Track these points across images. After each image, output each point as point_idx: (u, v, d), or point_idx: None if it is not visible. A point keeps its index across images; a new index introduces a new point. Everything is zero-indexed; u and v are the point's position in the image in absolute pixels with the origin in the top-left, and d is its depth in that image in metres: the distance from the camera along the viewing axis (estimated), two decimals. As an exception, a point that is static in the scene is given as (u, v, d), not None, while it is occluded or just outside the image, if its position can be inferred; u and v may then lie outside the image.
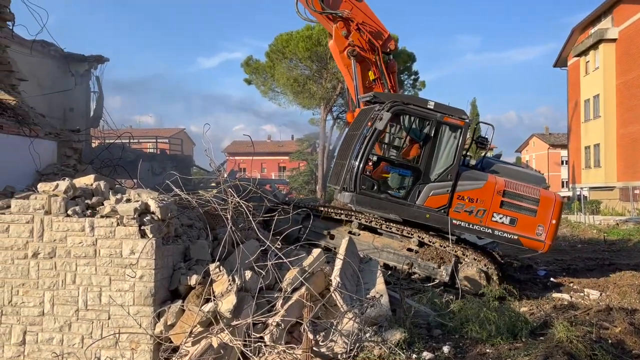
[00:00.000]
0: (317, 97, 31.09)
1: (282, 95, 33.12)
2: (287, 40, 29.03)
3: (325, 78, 29.95)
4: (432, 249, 9.77)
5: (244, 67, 32.50)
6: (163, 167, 17.00)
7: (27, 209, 6.48)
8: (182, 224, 7.38)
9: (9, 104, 11.23)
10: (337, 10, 10.54)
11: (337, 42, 10.75)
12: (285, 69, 30.08)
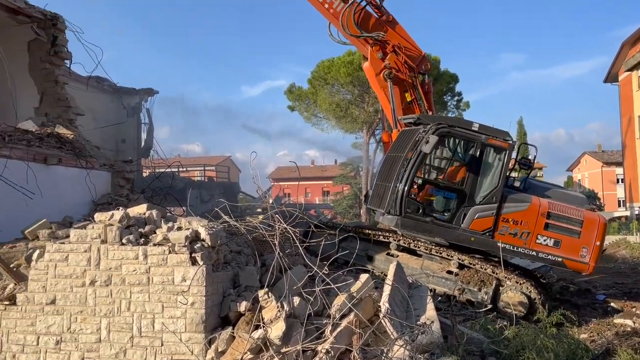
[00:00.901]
0: (359, 121, 31.26)
1: (324, 121, 33.48)
2: (329, 67, 29.44)
3: (367, 102, 30.10)
4: (473, 272, 9.57)
5: (287, 95, 33.12)
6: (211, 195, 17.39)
7: (84, 238, 6.75)
8: (231, 250, 7.50)
9: (67, 137, 11.85)
10: (372, 33, 10.62)
11: (372, 65, 10.81)
12: (327, 95, 30.44)
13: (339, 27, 10.57)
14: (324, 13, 10.47)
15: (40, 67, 12.76)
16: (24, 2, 11.97)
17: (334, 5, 10.35)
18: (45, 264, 6.71)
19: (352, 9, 10.38)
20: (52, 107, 12.64)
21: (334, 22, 10.59)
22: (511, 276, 9.44)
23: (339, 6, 10.39)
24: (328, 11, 10.40)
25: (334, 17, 10.46)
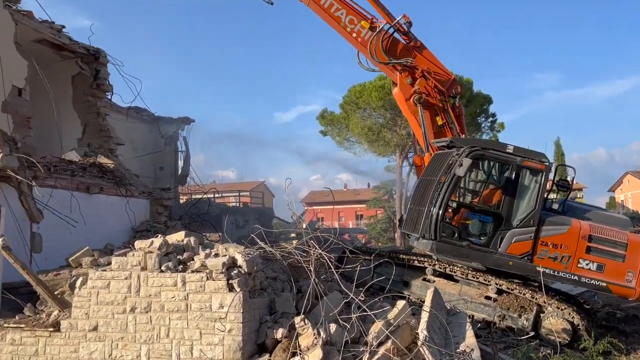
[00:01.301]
0: (392, 144, 31.21)
1: (357, 145, 33.54)
2: (360, 91, 29.64)
3: (399, 125, 30.07)
4: (512, 297, 9.33)
5: (319, 120, 33.42)
6: (246, 220, 17.60)
7: (125, 266, 6.92)
8: (267, 276, 7.55)
9: (108, 167, 12.26)
10: (400, 59, 10.69)
11: (402, 90, 10.85)
12: (359, 119, 30.58)
13: (367, 55, 10.70)
14: (352, 42, 10.64)
15: (83, 99, 13.31)
16: (68, 38, 12.57)
17: (361, 34, 10.50)
18: (88, 291, 6.90)
19: (379, 37, 10.51)
20: (94, 138, 13.12)
21: (362, 51, 10.74)
22: (552, 302, 9.16)
23: (367, 35, 10.54)
24: (356, 40, 10.57)
25: (362, 45, 10.61)
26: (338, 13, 10.23)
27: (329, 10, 10.18)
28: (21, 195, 8.71)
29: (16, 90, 9.38)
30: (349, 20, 10.37)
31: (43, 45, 12.06)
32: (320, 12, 10.17)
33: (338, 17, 10.28)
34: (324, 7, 10.13)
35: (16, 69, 9.40)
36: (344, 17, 10.34)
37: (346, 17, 10.36)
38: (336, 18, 10.27)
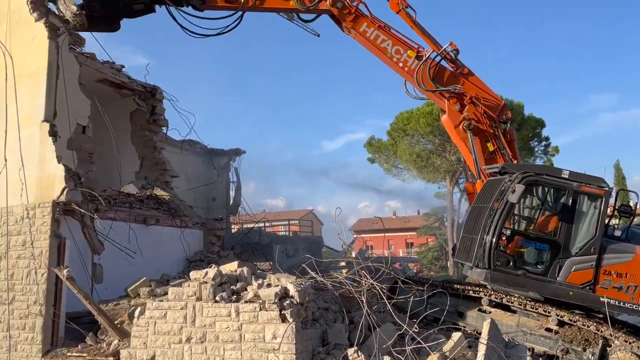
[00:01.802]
0: (441, 170, 30.81)
1: (405, 171, 33.32)
2: (408, 118, 29.57)
3: (448, 151, 29.71)
4: (575, 329, 8.84)
5: (366, 147, 33.49)
6: (296, 249, 17.71)
7: (181, 296, 7.10)
8: (319, 307, 7.54)
9: (164, 198, 12.70)
10: (448, 86, 10.63)
11: (451, 117, 10.72)
12: (407, 146, 30.43)
13: (414, 84, 10.70)
14: (399, 71, 10.68)
15: (140, 134, 13.94)
16: (127, 77, 13.27)
17: (408, 63, 10.52)
18: (146, 321, 7.10)
19: (426, 65, 10.51)
20: (150, 171, 13.66)
21: (409, 80, 10.75)
22: (619, 334, 8.64)
23: (413, 64, 10.55)
24: (403, 69, 10.60)
25: (409, 74, 10.62)
26: (384, 44, 10.33)
27: (375, 42, 10.29)
28: (84, 228, 9.14)
29: (80, 128, 9.95)
30: (395, 50, 10.43)
31: (104, 85, 12.78)
32: (366, 44, 10.30)
33: (384, 48, 10.37)
34: (370, 39, 10.25)
35: (80, 108, 9.99)
36: (390, 47, 10.42)
37: (392, 48, 10.43)
38: (382, 49, 10.37)
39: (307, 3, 9.84)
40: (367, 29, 10.19)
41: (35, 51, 9.28)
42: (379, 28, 10.24)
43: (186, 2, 9.32)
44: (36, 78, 9.16)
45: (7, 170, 8.97)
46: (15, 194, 8.84)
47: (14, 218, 8.74)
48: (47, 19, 9.33)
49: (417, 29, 10.46)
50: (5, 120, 9.23)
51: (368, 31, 10.21)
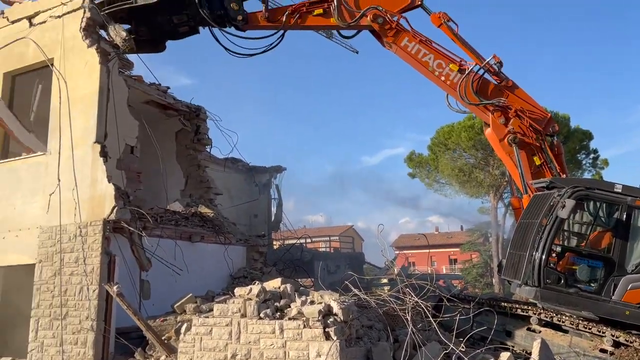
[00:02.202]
0: (485, 185, 30.21)
1: (447, 186, 32.86)
2: (449, 132, 29.23)
3: (492, 165, 29.12)
4: (632, 351, 8.41)
5: (407, 162, 33.24)
6: (337, 266, 17.65)
7: (226, 313, 7.18)
8: (363, 325, 7.48)
9: (208, 216, 12.94)
10: (492, 99, 10.45)
11: (495, 131, 10.52)
12: (449, 160, 30.04)
13: (457, 98, 10.58)
14: (441, 85, 10.58)
15: (185, 153, 14.29)
16: (172, 98, 13.68)
17: (450, 77, 10.41)
18: (192, 337, 7.21)
19: (469, 79, 10.38)
20: (195, 189, 13.96)
21: (452, 93, 10.63)
22: (681, 357, 8.18)
23: (456, 77, 10.43)
24: (445, 83, 10.49)
25: (452, 88, 10.50)
26: (425, 58, 10.27)
27: (417, 56, 10.24)
28: (132, 245, 9.41)
29: (129, 148, 10.30)
30: (437, 64, 10.36)
31: (151, 106, 13.21)
32: (407, 59, 10.26)
33: (425, 62, 10.31)
34: (411, 53, 10.21)
35: (129, 129, 10.35)
36: (432, 61, 10.36)
37: (434, 62, 10.36)
38: (424, 63, 10.31)
39: (348, 19, 9.90)
40: (408, 43, 10.15)
41: (87, 76, 9.70)
42: (420, 42, 10.18)
43: (229, 23, 9.55)
44: (88, 101, 9.57)
45: (60, 189, 9.35)
46: (69, 212, 9.20)
47: (67, 236, 9.08)
48: (99, 45, 9.76)
49: (459, 42, 10.37)
50: (59, 141, 9.65)
51: (409, 45, 10.16)
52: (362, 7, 9.96)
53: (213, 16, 9.25)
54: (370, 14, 9.83)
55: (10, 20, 11.02)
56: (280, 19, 9.67)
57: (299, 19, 9.75)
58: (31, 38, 10.51)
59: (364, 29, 10.24)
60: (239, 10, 9.43)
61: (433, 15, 10.25)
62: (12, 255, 9.74)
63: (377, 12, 9.87)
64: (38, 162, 9.88)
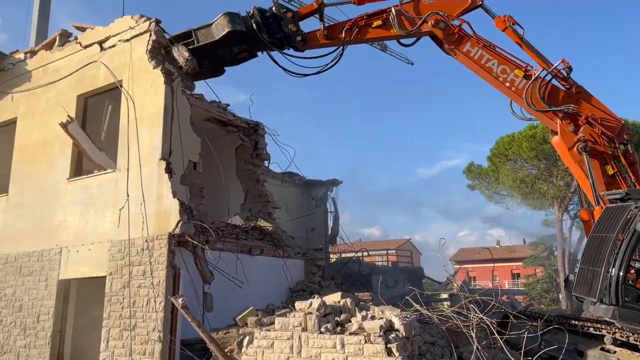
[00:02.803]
0: (548, 196, 29.06)
1: (508, 198, 31.87)
2: (509, 142, 28.42)
3: (556, 176, 28.01)
4: None
5: (465, 174, 32.56)
6: (395, 280, 17.40)
7: (287, 326, 7.23)
8: (425, 341, 7.33)
9: (267, 229, 13.12)
10: (560, 106, 10.01)
11: (564, 139, 10.04)
12: (510, 171, 29.16)
13: (522, 104, 10.20)
14: (505, 92, 10.24)
15: (245, 168, 14.60)
16: (232, 115, 14.05)
17: (515, 83, 10.04)
18: (254, 350, 7.30)
19: (536, 84, 10.00)
20: (254, 203, 14.21)
21: (517, 100, 10.27)
22: None
23: (521, 83, 10.06)
24: (510, 89, 10.13)
25: (517, 94, 10.14)
26: (489, 64, 9.95)
27: (480, 61, 9.95)
28: (196, 258, 9.67)
29: (192, 164, 10.64)
30: (501, 70, 10.02)
31: (212, 123, 13.61)
32: (470, 65, 9.99)
33: (489, 67, 10.00)
34: (474, 59, 9.92)
35: (192, 146, 10.70)
36: (496, 67, 10.03)
37: (498, 67, 10.03)
38: (487, 69, 10.00)
39: (409, 27, 9.74)
40: (471, 48, 9.88)
41: (153, 96, 10.13)
42: (484, 47, 9.89)
43: (288, 45, 9.63)
44: (154, 120, 9.98)
45: (129, 205, 9.77)
46: (137, 227, 9.59)
47: (135, 249, 9.45)
48: (163, 66, 10.18)
49: (526, 47, 10.02)
50: (127, 159, 10.11)
51: (472, 51, 9.88)
52: (421, 13, 9.80)
53: (272, 40, 9.36)
54: (432, 20, 9.65)
55: (83, 45, 11.71)
56: (339, 35, 9.67)
57: (358, 33, 9.70)
58: (102, 61, 11.12)
59: (424, 36, 10.07)
60: (297, 31, 9.49)
61: (497, 19, 9.95)
62: (85, 267, 10.24)
63: (438, 17, 9.68)
64: (108, 179, 10.38)
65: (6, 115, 13.02)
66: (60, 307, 10.56)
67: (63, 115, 11.20)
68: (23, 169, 12.15)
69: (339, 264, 16.67)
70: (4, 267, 11.72)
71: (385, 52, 40.80)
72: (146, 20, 10.61)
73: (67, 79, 11.81)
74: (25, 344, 10.69)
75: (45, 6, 18.90)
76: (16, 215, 11.94)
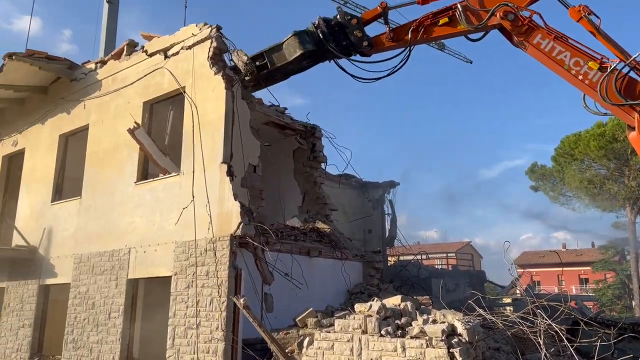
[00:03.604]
0: (619, 197, 27.59)
1: (575, 199, 30.51)
2: (575, 142, 27.24)
3: (627, 176, 26.56)
4: None
5: (528, 175, 31.50)
6: (456, 284, 17.01)
7: (347, 328, 7.22)
8: (489, 347, 7.12)
9: (325, 231, 13.18)
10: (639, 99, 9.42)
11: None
12: (576, 171, 27.95)
13: (597, 98, 9.66)
14: (578, 85, 9.72)
15: (302, 171, 14.75)
16: (290, 118, 14.22)
17: (589, 76, 9.52)
18: (315, 352, 7.34)
19: (612, 77, 9.46)
20: (312, 205, 14.31)
21: (590, 94, 9.75)
22: None
23: (596, 76, 9.53)
24: (583, 83, 9.61)
25: (591, 88, 9.64)
26: (561, 56, 9.47)
27: (551, 54, 9.49)
28: (256, 259, 9.84)
29: (252, 167, 10.86)
30: (574, 62, 9.50)
31: (270, 126, 13.84)
32: (540, 57, 9.56)
33: (561, 60, 9.51)
34: (544, 51, 9.48)
35: (252, 149, 10.92)
36: (568, 59, 9.52)
37: (570, 60, 9.52)
38: (559, 61, 9.52)
39: (476, 22, 9.48)
40: (541, 40, 9.45)
41: (214, 101, 10.43)
42: (555, 39, 9.45)
43: (354, 51, 9.60)
44: (215, 125, 10.27)
45: (194, 207, 10.10)
46: (200, 228, 9.89)
47: (199, 250, 9.75)
48: (224, 72, 10.46)
49: (602, 38, 9.50)
50: (192, 162, 10.45)
51: (542, 43, 9.44)
52: (488, 6, 9.54)
53: (339, 48, 9.38)
54: (500, 12, 9.36)
55: (148, 53, 12.23)
56: (405, 36, 9.56)
57: (424, 33, 9.54)
58: (167, 68, 11.56)
59: (493, 29, 9.78)
60: (362, 36, 9.46)
61: (572, 9, 9.48)
62: (152, 267, 10.66)
63: (507, 8, 9.36)
64: (173, 182, 10.77)
65: (79, 122, 13.78)
66: (129, 305, 11.05)
67: (130, 121, 11.73)
68: (94, 173, 12.82)
69: (397, 267, 16.50)
70: (78, 266, 12.40)
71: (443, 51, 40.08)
72: (208, 27, 10.94)
73: (133, 87, 12.37)
74: (98, 340, 11.25)
75: (113, 18, 19.89)
76: (88, 217, 12.61)
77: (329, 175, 17.26)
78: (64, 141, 14.39)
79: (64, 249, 13.03)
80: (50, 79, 14.71)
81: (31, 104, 15.59)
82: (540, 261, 51.89)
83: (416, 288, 14.52)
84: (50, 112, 14.72)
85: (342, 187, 18.11)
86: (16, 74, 13.90)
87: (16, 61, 13.05)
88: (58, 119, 14.45)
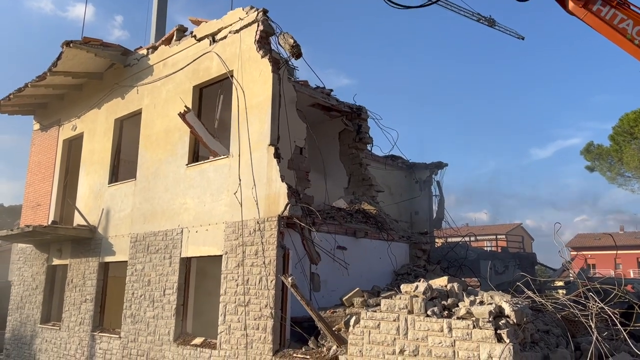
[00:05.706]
0: (682, 178, 26.18)
1: (634, 180, 29.18)
2: (635, 119, 25.98)
3: (693, 155, 25.12)
4: None
5: (584, 154, 30.32)
6: (505, 266, 16.70)
7: (393, 308, 7.29)
8: (538, 329, 7.03)
9: (371, 212, 13.22)
10: None
11: None
12: (636, 151, 26.67)
13: None
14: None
15: (348, 152, 14.79)
16: (335, 100, 14.24)
17: None
18: (361, 330, 7.46)
19: None
20: (357, 186, 14.37)
21: None
22: None
23: None
24: None
25: None
26: (623, 24, 8.85)
27: (612, 22, 8.89)
28: (303, 240, 10.03)
29: (298, 149, 10.99)
30: (637, 31, 8.91)
31: (316, 108, 13.91)
32: (599, 25, 8.99)
33: (623, 29, 8.91)
34: (604, 19, 8.88)
35: (298, 131, 11.05)
36: (631, 28, 8.92)
37: (634, 29, 8.89)
38: (621, 30, 8.91)
39: None
40: (601, 7, 8.85)
41: (261, 84, 10.58)
42: (617, 5, 8.88)
43: None
44: (262, 107, 10.43)
45: (241, 188, 10.35)
46: (249, 209, 10.14)
47: (247, 230, 10.02)
48: (270, 55, 10.57)
49: None
50: (238, 145, 10.68)
51: (603, 10, 8.83)
52: None
53: None
54: None
55: (197, 38, 12.49)
56: None
57: None
58: (215, 52, 11.79)
59: None
60: None
61: None
62: (204, 247, 11.05)
63: None
64: (223, 164, 11.06)
65: (133, 107, 14.30)
66: (182, 283, 11.52)
67: (181, 105, 12.07)
68: (148, 156, 13.32)
69: (445, 248, 16.34)
70: (134, 245, 13.00)
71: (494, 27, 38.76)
72: (254, 10, 11.06)
73: (183, 71, 12.69)
74: (154, 315, 11.82)
75: (163, 3, 20.32)
76: (143, 198, 13.15)
77: (375, 157, 17.22)
78: (119, 125, 14.99)
79: (120, 228, 13.67)
80: (106, 65, 15.29)
81: (88, 90, 16.28)
82: (596, 244, 50.10)
83: (464, 270, 14.38)
84: (106, 98, 15.34)
85: (388, 169, 18.04)
86: (74, 61, 14.53)
87: (73, 49, 13.63)
88: (113, 103, 15.04)
